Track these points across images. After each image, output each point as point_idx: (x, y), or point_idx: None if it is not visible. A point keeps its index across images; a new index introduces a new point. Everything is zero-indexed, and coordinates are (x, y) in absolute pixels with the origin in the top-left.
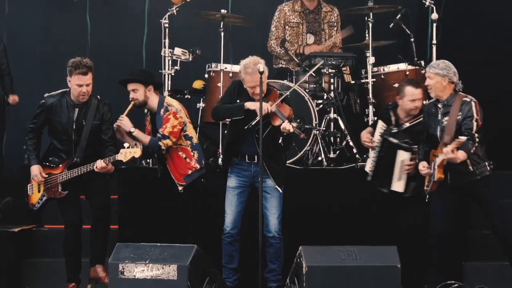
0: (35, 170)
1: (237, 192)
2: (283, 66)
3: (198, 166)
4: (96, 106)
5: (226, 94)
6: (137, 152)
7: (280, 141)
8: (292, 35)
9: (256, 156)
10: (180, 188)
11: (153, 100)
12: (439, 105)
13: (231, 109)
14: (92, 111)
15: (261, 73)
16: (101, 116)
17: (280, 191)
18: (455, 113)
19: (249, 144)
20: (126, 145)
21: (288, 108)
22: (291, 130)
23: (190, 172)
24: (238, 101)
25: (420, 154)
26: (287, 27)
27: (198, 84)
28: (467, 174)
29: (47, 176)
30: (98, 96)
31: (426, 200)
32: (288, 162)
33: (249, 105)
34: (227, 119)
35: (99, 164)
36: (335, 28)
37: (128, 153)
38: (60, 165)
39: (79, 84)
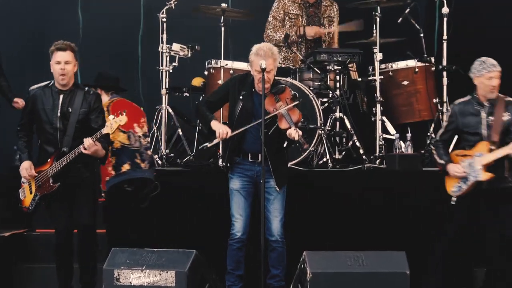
0: (26, 164)
1: (244, 194)
2: (282, 66)
3: (113, 173)
4: (83, 94)
5: (218, 91)
6: (122, 119)
7: (285, 145)
8: (291, 26)
9: (260, 155)
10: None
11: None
12: (486, 103)
13: (204, 118)
14: (79, 99)
15: (263, 69)
16: (89, 104)
17: (282, 192)
18: (500, 112)
19: (253, 142)
20: (111, 116)
21: (298, 112)
22: (296, 138)
23: (107, 178)
24: (243, 92)
25: (444, 155)
26: (286, 17)
27: (197, 82)
28: (501, 179)
29: (37, 174)
30: (86, 88)
31: (453, 203)
32: (291, 163)
33: (213, 125)
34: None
35: (87, 142)
36: (334, 24)
37: (113, 123)
38: (48, 160)
39: (58, 61)
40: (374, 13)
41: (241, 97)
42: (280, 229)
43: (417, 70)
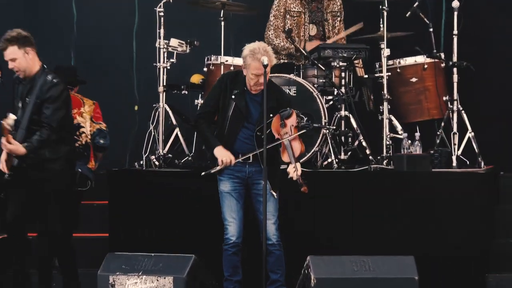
0: None
1: (235, 196)
2: (285, 61)
3: None
4: (43, 83)
5: (211, 96)
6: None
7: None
8: (293, 25)
9: (251, 156)
10: None
11: None
12: None
13: (207, 142)
14: (37, 88)
15: (265, 66)
16: (43, 94)
17: (276, 196)
18: None
19: (243, 142)
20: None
21: (300, 144)
22: (294, 178)
23: None
24: (235, 91)
25: None
26: (287, 16)
27: (196, 79)
28: None
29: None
30: (49, 76)
31: None
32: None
33: (217, 153)
34: None
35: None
36: (339, 19)
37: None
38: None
39: (6, 60)
40: (381, 6)
41: (233, 97)
42: (276, 232)
43: (426, 66)
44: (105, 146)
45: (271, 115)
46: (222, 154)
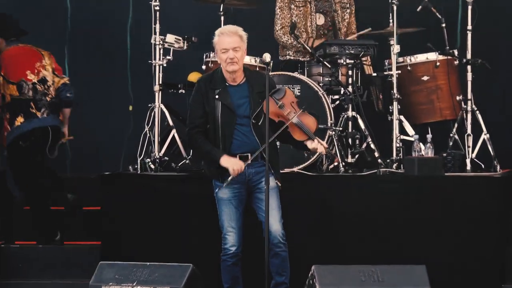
0: None
1: (235, 204)
2: (292, 57)
3: (9, 128)
4: None
5: (194, 108)
6: None
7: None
8: (299, 15)
9: (249, 156)
10: None
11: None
12: None
13: (208, 155)
14: None
15: (267, 64)
16: None
17: (275, 190)
18: None
19: (240, 141)
20: None
21: (311, 117)
22: (324, 151)
23: (5, 133)
24: (217, 90)
25: None
26: (292, 6)
27: (194, 77)
28: None
29: None
30: None
31: None
32: (299, 167)
33: (224, 162)
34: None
35: None
36: (348, 11)
37: None
38: None
39: None
40: (390, 0)
41: (216, 96)
42: (281, 230)
43: (438, 64)
44: (72, 100)
45: (260, 100)
46: (231, 163)
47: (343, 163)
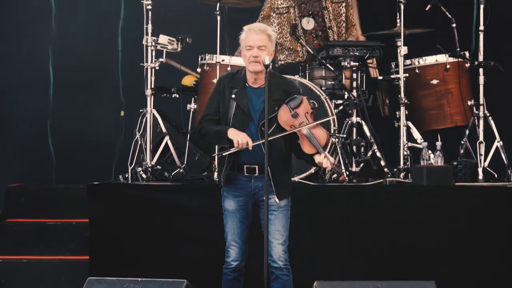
0: None
1: (239, 217)
2: (289, 61)
3: None
4: None
5: (210, 101)
6: None
7: (312, 170)
8: (281, 24)
9: (257, 168)
10: None
11: None
12: None
13: (215, 134)
14: None
15: (267, 66)
16: None
17: (284, 210)
18: None
19: (249, 152)
20: None
21: (323, 131)
22: (330, 167)
23: None
24: (235, 90)
25: None
26: (273, 14)
27: (188, 81)
28: None
29: None
30: None
31: None
32: (300, 177)
33: (230, 133)
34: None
35: None
36: (344, 4)
37: None
38: None
39: None
40: None
41: (233, 96)
42: (283, 254)
43: (448, 66)
44: None
45: (276, 108)
46: (237, 135)
47: (347, 172)
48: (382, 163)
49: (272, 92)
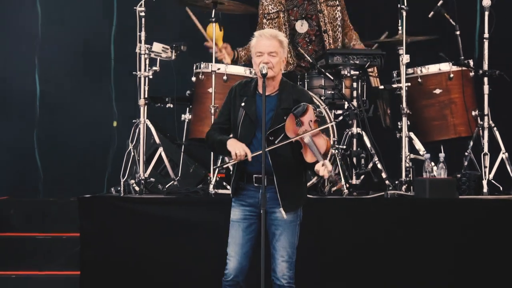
0: None
1: (243, 227)
2: (287, 70)
3: None
4: None
5: (222, 109)
6: None
7: (314, 179)
8: (273, 29)
9: (266, 179)
10: None
11: None
12: None
13: (218, 144)
14: None
15: (264, 75)
16: None
17: (292, 225)
18: None
19: (257, 160)
20: None
21: (325, 139)
22: (326, 175)
23: None
24: (245, 98)
25: None
26: (264, 20)
27: (211, 31)
28: None
29: None
30: None
31: None
32: None
33: (229, 144)
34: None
35: None
36: (339, 8)
37: None
38: None
39: None
40: (399, 5)
41: (243, 104)
42: (287, 272)
43: (452, 75)
44: None
45: (284, 117)
46: (235, 147)
47: (347, 185)
48: (383, 175)
49: (283, 101)
